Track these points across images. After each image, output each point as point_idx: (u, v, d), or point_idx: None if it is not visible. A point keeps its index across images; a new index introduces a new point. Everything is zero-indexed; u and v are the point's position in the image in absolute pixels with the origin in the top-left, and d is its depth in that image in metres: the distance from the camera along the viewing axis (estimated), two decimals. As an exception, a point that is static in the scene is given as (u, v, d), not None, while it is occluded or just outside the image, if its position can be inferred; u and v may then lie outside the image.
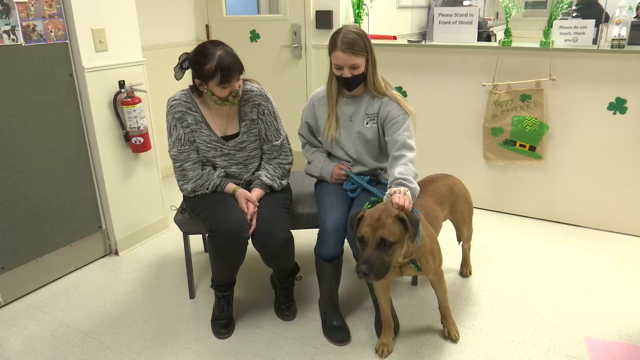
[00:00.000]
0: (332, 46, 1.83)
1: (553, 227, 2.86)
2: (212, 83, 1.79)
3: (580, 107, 2.66)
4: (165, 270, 2.47)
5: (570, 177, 2.81)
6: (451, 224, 2.17)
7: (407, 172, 1.74)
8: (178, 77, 1.90)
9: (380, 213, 1.52)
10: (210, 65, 1.75)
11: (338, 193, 1.99)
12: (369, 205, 1.69)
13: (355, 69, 1.82)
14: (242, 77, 1.85)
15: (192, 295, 2.24)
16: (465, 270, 2.35)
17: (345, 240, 1.88)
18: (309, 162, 2.12)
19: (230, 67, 1.76)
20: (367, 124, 1.94)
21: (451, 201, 2.03)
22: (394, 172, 1.75)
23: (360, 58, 1.81)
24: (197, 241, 2.63)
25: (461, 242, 2.29)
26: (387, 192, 1.67)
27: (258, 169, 2.06)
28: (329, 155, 2.12)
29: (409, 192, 1.65)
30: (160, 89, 2.78)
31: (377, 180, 2.04)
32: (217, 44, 1.80)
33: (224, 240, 1.80)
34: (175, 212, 2.14)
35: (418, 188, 1.75)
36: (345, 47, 1.78)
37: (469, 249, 2.34)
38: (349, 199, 1.99)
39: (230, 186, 1.97)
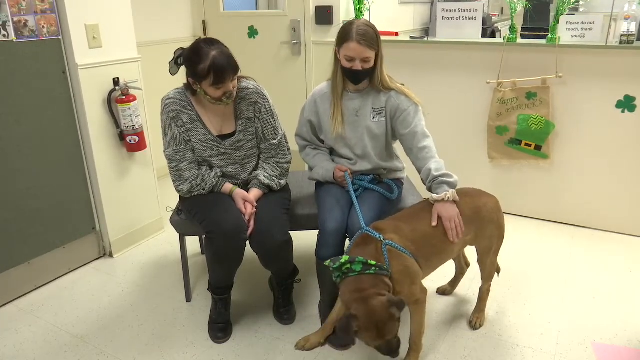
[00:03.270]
0: (346, 37, 1.80)
1: (559, 228, 2.83)
2: (205, 83, 1.76)
3: (587, 105, 2.62)
4: (161, 273, 2.44)
5: (577, 177, 2.76)
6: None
7: (441, 167, 1.80)
8: (173, 72, 1.87)
9: (377, 322, 1.49)
10: (203, 65, 1.71)
11: (339, 192, 1.95)
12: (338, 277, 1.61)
13: (366, 62, 1.81)
14: (237, 74, 1.81)
15: (188, 299, 2.21)
16: (475, 318, 1.98)
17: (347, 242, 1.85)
18: (311, 168, 2.07)
19: (224, 69, 1.73)
20: (374, 118, 1.92)
21: (477, 225, 1.79)
22: (430, 169, 1.79)
23: (372, 51, 1.80)
24: (193, 243, 2.60)
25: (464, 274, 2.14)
26: (431, 197, 1.75)
27: (256, 168, 2.03)
28: (331, 152, 2.07)
29: (453, 191, 1.73)
30: (156, 87, 2.74)
31: (379, 179, 2.01)
32: (213, 42, 1.77)
33: (222, 242, 1.78)
34: (171, 213, 2.12)
35: (457, 180, 1.78)
36: (361, 38, 1.77)
37: (488, 293, 1.99)
38: (350, 199, 1.94)
39: (228, 186, 1.93)
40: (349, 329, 1.50)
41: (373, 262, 1.56)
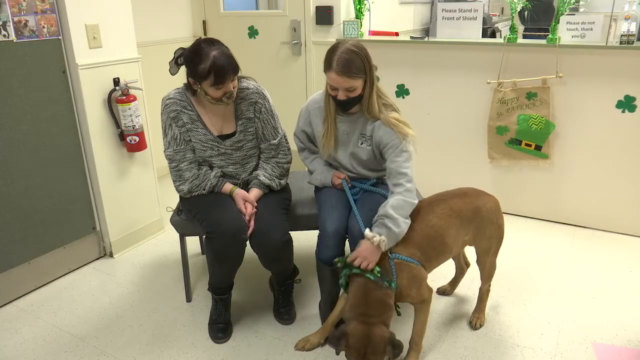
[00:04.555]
0: (327, 65, 1.70)
1: (560, 228, 2.82)
2: (206, 84, 1.76)
3: (587, 105, 2.61)
4: (161, 273, 2.44)
5: (577, 177, 2.76)
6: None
7: (400, 206, 1.65)
8: (173, 72, 1.86)
9: (366, 347, 1.49)
10: (204, 65, 1.71)
11: (339, 193, 1.95)
12: (343, 280, 1.63)
13: (351, 92, 1.71)
14: (238, 74, 1.81)
15: (188, 299, 2.21)
16: (475, 319, 1.98)
17: (347, 243, 1.84)
18: (310, 172, 2.06)
19: (225, 69, 1.72)
20: (361, 144, 1.87)
21: (476, 225, 1.78)
22: (387, 205, 1.67)
23: (357, 80, 1.69)
24: (194, 243, 2.59)
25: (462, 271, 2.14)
26: (365, 233, 1.63)
27: (256, 168, 2.03)
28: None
29: (384, 240, 1.59)
30: (156, 87, 2.74)
31: (381, 180, 2.00)
32: (213, 42, 1.76)
33: (222, 242, 1.78)
34: (171, 213, 2.12)
35: (403, 231, 1.64)
36: (341, 69, 1.66)
37: (488, 293, 1.99)
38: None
39: (228, 186, 1.93)
40: (339, 343, 1.53)
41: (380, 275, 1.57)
